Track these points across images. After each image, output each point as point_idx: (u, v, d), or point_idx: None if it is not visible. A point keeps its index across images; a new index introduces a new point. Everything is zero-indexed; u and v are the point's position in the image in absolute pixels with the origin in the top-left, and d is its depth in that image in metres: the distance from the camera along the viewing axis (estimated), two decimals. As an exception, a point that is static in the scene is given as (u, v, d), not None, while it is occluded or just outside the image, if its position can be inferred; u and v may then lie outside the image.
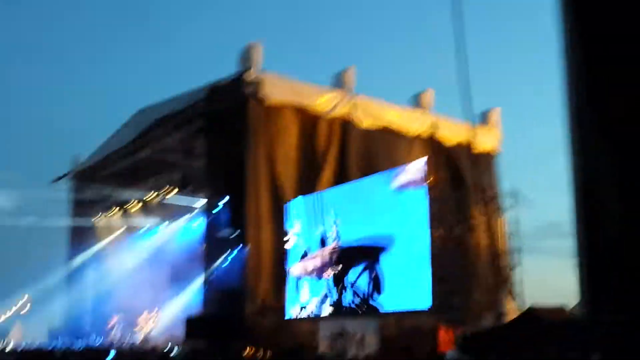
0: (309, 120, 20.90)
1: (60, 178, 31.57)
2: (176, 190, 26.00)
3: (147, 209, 30.46)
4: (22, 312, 43.61)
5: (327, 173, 20.67)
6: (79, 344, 23.96)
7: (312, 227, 18.47)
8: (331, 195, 18.50)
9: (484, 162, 24.10)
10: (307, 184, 19.99)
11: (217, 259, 23.69)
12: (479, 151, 23.84)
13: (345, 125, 21.48)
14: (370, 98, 22.69)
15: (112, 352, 12.46)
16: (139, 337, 26.24)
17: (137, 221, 31.82)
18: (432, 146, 23.10)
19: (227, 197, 21.87)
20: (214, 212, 22.92)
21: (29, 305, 41.43)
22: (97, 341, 26.00)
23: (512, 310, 18.71)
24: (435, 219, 16.41)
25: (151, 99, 25.63)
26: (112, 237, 31.68)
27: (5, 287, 35.99)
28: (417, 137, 23.17)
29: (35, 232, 31.46)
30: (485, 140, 24.40)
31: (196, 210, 26.77)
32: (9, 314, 47.90)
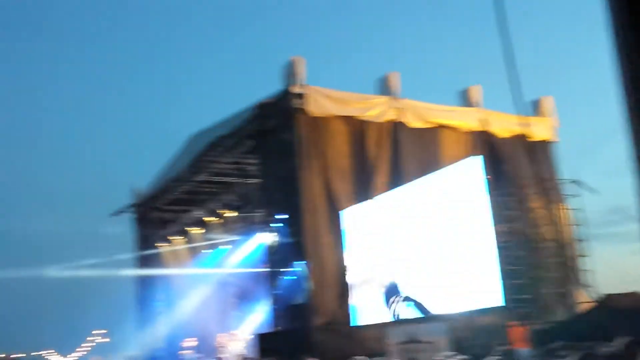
0: (357, 128, 20.87)
1: (121, 211, 32.59)
2: (235, 211, 26.38)
3: (208, 232, 31.01)
4: (99, 344, 44.98)
5: (381, 178, 20.57)
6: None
7: (369, 234, 18.37)
8: (387, 200, 18.36)
9: (541, 151, 23.54)
10: (362, 191, 19.94)
11: (281, 275, 23.90)
12: (534, 141, 23.34)
13: (395, 129, 21.37)
14: (417, 100, 22.58)
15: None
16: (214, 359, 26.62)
17: (200, 245, 32.44)
18: (486, 141, 22.76)
19: (285, 213, 22.06)
20: (274, 228, 23.15)
21: (106, 338, 42.80)
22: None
23: (583, 300, 18.14)
24: (497, 214, 16.12)
25: (204, 123, 26.23)
26: (177, 262, 32.38)
27: (82, 322, 37.33)
28: (469, 134, 22.87)
29: (104, 265, 32.52)
30: (540, 130, 23.86)
31: (257, 229, 27.06)
32: (87, 348, 49.59)
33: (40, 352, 56.14)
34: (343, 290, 19.21)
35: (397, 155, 21.07)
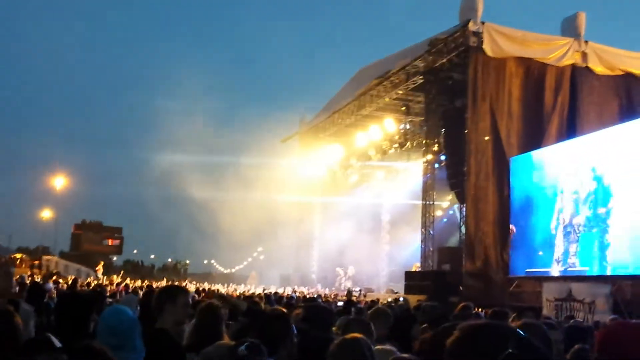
0: (534, 71, 19.69)
1: (289, 137, 33.99)
2: (397, 147, 26.40)
3: (369, 165, 31.42)
4: (257, 260, 48.03)
5: (555, 126, 19.39)
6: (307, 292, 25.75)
7: (539, 184, 17.50)
8: (561, 150, 17.28)
9: None
10: (533, 139, 18.96)
11: (436, 216, 23.78)
12: None
13: (576, 74, 19.89)
14: (603, 44, 20.80)
15: (339, 303, 13.24)
16: (361, 289, 27.43)
17: (357, 178, 33.06)
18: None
19: (448, 153, 21.70)
20: (434, 168, 22.94)
21: (263, 256, 45.61)
22: (322, 290, 27.74)
23: None
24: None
25: (374, 55, 26.29)
26: (335, 192, 33.32)
27: (244, 238, 40.05)
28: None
29: (267, 185, 34.39)
30: None
31: (416, 166, 26.98)
32: (245, 263, 53.31)
33: (204, 262, 61.53)
34: (502, 238, 18.66)
35: (577, 102, 19.68)
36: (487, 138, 19.18)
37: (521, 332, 1.62)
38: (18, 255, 43.84)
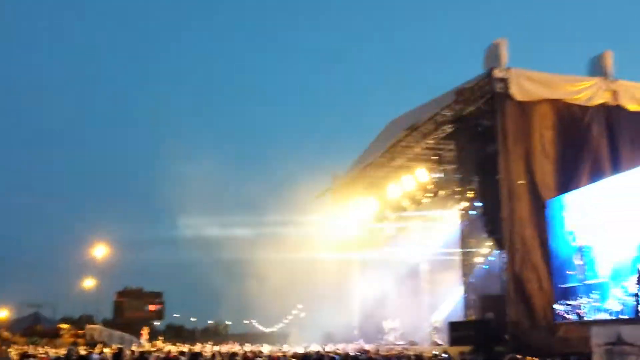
0: (565, 112, 19.61)
1: (322, 193, 34.15)
2: (430, 197, 26.30)
3: (403, 216, 31.27)
4: (297, 319, 47.68)
5: (591, 166, 19.13)
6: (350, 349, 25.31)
7: (579, 226, 17.08)
8: (600, 190, 16.90)
9: None
10: (570, 180, 18.69)
11: (475, 263, 23.40)
12: None
13: (610, 113, 19.73)
14: (634, 82, 20.66)
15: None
16: (403, 343, 26.88)
17: (394, 229, 32.84)
18: None
19: (482, 200, 21.51)
20: (469, 215, 22.73)
21: (303, 313, 45.28)
22: (365, 345, 27.23)
23: None
24: None
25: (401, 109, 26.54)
26: (372, 246, 33.13)
27: (283, 296, 39.87)
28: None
29: (303, 242, 34.38)
30: None
31: (452, 215, 26.75)
32: (286, 321, 52.96)
33: (244, 322, 61.26)
34: (546, 284, 18.19)
35: (612, 141, 19.45)
36: (521, 182, 18.98)
37: None
38: (63, 326, 44.29)
